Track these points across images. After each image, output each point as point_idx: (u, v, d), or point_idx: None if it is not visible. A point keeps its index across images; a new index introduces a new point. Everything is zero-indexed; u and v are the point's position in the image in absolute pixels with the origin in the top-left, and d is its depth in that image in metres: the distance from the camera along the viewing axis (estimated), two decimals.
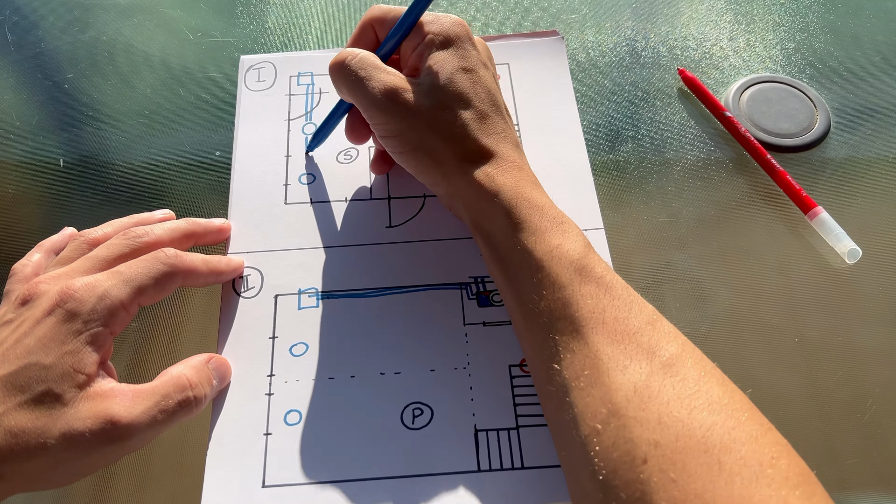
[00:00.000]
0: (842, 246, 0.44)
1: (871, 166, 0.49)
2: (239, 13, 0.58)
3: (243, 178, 0.45)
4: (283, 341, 0.39)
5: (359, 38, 0.41)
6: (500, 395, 0.37)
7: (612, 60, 0.55)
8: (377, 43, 0.41)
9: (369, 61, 0.38)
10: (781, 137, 0.50)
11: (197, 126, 0.51)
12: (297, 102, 0.49)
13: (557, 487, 0.35)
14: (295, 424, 0.37)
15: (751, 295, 0.43)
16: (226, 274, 0.40)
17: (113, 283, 0.34)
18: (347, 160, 0.46)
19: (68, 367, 0.31)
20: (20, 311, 0.34)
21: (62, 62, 0.54)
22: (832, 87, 0.53)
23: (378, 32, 0.40)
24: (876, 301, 0.43)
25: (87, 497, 0.38)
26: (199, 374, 0.35)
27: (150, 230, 0.38)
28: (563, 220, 0.35)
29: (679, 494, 0.25)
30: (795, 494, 0.25)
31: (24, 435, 0.30)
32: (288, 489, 0.35)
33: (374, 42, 0.41)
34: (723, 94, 0.52)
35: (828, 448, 0.39)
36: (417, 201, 0.45)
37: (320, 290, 0.41)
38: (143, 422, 0.32)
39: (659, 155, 0.49)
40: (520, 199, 0.35)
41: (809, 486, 0.26)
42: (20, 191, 0.48)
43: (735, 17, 0.58)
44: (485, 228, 0.36)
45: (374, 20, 0.40)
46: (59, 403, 0.31)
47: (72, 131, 0.51)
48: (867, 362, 0.41)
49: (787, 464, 0.26)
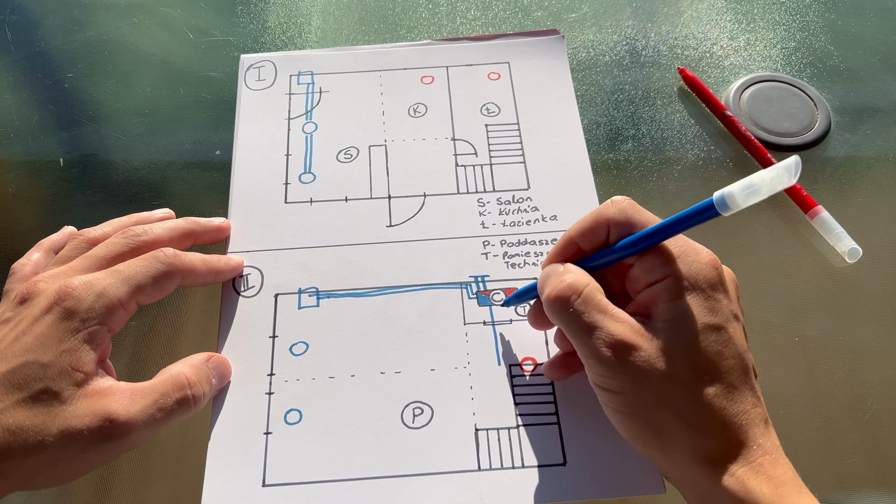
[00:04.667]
0: (842, 245, 0.44)
1: (871, 165, 0.49)
2: (239, 12, 0.58)
3: (243, 178, 0.45)
4: (284, 340, 0.39)
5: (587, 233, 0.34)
6: (501, 395, 0.37)
7: (613, 59, 0.55)
8: (603, 243, 0.34)
9: (594, 302, 0.31)
10: (782, 136, 0.50)
11: (197, 125, 0.51)
12: (297, 101, 0.49)
13: (557, 486, 0.35)
14: (295, 424, 0.37)
15: (751, 294, 0.43)
16: (225, 273, 0.40)
17: (111, 281, 0.34)
18: (347, 159, 0.46)
19: (66, 366, 0.31)
20: (19, 309, 0.34)
21: (62, 61, 0.54)
22: (832, 87, 0.53)
23: (611, 232, 0.33)
24: (876, 301, 0.43)
25: (87, 497, 0.38)
26: (198, 372, 0.35)
27: (149, 229, 0.38)
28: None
29: None
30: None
31: (22, 432, 0.30)
32: (288, 488, 0.35)
33: (601, 242, 0.34)
34: (723, 93, 0.52)
35: (828, 448, 0.39)
36: (417, 200, 0.45)
37: (320, 290, 0.41)
38: (141, 420, 0.32)
39: (659, 154, 0.49)
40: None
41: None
42: (20, 190, 0.48)
43: (735, 16, 0.58)
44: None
45: (610, 219, 0.33)
46: (57, 401, 0.31)
47: (72, 131, 0.51)
48: (867, 362, 0.41)
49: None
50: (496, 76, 0.50)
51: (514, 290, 0.41)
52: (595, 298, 0.32)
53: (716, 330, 0.30)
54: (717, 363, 0.30)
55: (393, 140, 0.47)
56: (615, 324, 0.31)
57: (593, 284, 0.32)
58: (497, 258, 0.42)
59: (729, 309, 0.31)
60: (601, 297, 0.32)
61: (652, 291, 0.31)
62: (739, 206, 0.28)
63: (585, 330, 0.31)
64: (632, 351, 0.30)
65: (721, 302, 0.31)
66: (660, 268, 0.31)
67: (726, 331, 0.31)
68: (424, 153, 0.47)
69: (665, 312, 0.31)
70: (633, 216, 0.33)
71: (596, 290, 0.32)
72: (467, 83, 0.50)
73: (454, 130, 0.48)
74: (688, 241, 0.33)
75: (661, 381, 0.30)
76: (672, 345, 0.30)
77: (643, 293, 0.32)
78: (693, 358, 0.30)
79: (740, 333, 0.31)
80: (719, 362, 0.30)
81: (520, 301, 0.39)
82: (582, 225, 0.34)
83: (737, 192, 0.28)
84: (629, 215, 0.33)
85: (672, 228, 0.31)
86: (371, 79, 0.50)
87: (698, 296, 0.31)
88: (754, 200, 0.28)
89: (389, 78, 0.50)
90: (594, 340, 0.30)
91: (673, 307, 0.31)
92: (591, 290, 0.32)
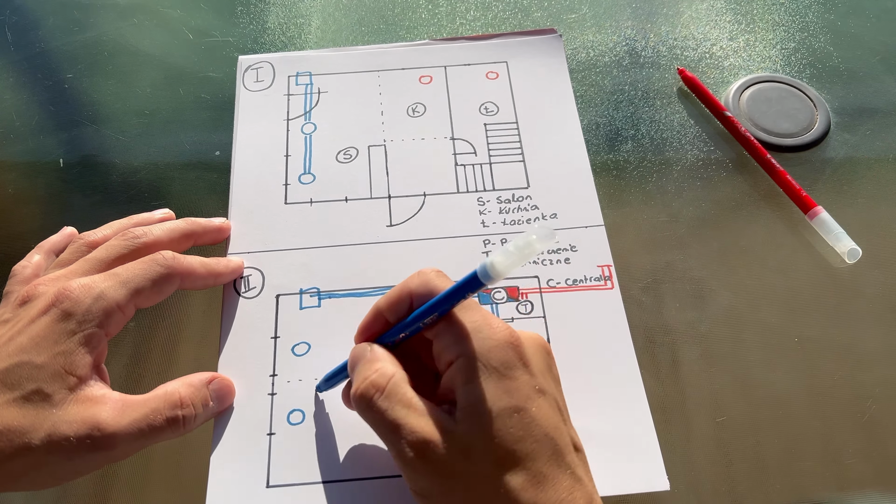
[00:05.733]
0: (842, 246, 0.44)
1: (871, 166, 0.49)
2: (239, 13, 0.58)
3: (243, 179, 0.45)
4: (285, 341, 0.39)
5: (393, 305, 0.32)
6: None
7: (612, 60, 0.55)
8: (405, 316, 0.32)
9: (398, 396, 0.29)
10: (781, 137, 0.50)
11: (197, 126, 0.51)
12: (295, 102, 0.49)
13: None
14: (298, 424, 0.37)
15: (751, 295, 0.43)
16: (224, 276, 0.40)
17: (109, 284, 0.34)
18: (347, 160, 0.46)
19: (60, 368, 0.31)
20: (18, 311, 0.34)
21: (62, 62, 0.54)
22: (832, 87, 0.53)
23: (414, 304, 0.32)
24: (876, 301, 0.43)
25: (87, 497, 0.38)
26: (194, 393, 0.34)
27: (148, 230, 0.38)
28: None
29: None
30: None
31: (8, 433, 0.30)
32: (293, 489, 0.35)
33: (403, 314, 0.32)
34: (723, 94, 0.52)
35: (828, 448, 0.39)
36: (417, 200, 0.45)
37: (322, 290, 0.41)
38: (129, 433, 0.31)
39: (659, 155, 0.49)
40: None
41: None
42: (20, 191, 0.48)
43: (735, 16, 0.58)
44: None
45: (412, 291, 0.32)
46: (48, 404, 0.30)
47: (72, 131, 0.51)
48: (867, 362, 0.41)
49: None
50: (494, 75, 0.50)
51: (515, 288, 0.41)
52: (398, 392, 0.29)
53: (514, 412, 0.28)
54: (519, 450, 0.27)
55: (392, 140, 0.47)
56: (418, 419, 0.28)
57: (399, 375, 0.30)
58: None
59: (530, 385, 0.29)
60: (405, 388, 0.30)
61: (451, 373, 0.29)
62: (501, 275, 0.27)
63: (390, 428, 0.29)
64: (434, 449, 0.28)
65: (519, 380, 0.28)
66: (453, 346, 0.29)
67: (527, 412, 0.28)
68: (424, 153, 0.47)
69: (462, 398, 0.28)
70: (437, 287, 0.31)
71: (401, 381, 0.30)
72: (466, 83, 0.50)
73: (453, 130, 0.48)
74: (485, 315, 0.30)
75: (466, 479, 0.27)
76: (471, 436, 0.28)
77: (445, 375, 0.30)
78: (493, 448, 0.27)
79: (547, 410, 0.29)
80: (521, 449, 0.27)
81: (329, 385, 0.37)
82: (389, 296, 0.32)
83: (497, 261, 0.27)
84: (431, 287, 0.31)
85: (445, 301, 0.30)
86: (369, 79, 0.50)
87: (491, 376, 0.28)
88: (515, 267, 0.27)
89: (388, 78, 0.50)
90: (399, 440, 0.28)
91: (468, 392, 0.28)
92: (395, 383, 0.30)
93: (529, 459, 0.27)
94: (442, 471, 0.28)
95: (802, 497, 0.38)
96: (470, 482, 0.27)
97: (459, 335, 0.30)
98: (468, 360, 0.29)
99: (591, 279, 0.41)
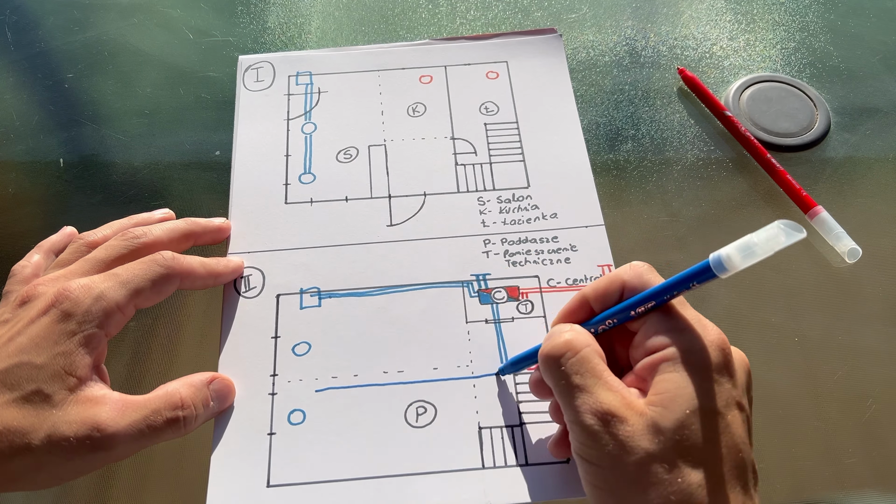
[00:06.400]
0: (842, 245, 0.44)
1: (871, 166, 0.49)
2: (239, 13, 0.57)
3: (243, 179, 0.45)
4: (286, 341, 0.39)
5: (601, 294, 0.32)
6: (504, 393, 0.38)
7: (612, 60, 0.55)
8: (618, 299, 0.32)
9: (589, 365, 0.29)
10: (781, 137, 0.50)
11: (197, 126, 0.51)
12: (295, 102, 0.49)
13: (561, 484, 0.35)
14: (299, 424, 0.37)
15: (751, 294, 0.43)
16: (224, 276, 0.40)
17: (109, 284, 0.34)
18: (347, 159, 0.46)
19: (60, 368, 0.31)
20: (18, 311, 0.34)
21: (62, 62, 0.54)
22: (832, 87, 0.53)
23: (625, 295, 0.31)
24: (876, 301, 0.43)
25: (87, 497, 0.38)
26: (195, 394, 0.34)
27: (148, 231, 0.38)
28: None
29: None
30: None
31: (8, 433, 0.30)
32: (293, 489, 0.35)
33: (612, 305, 0.32)
34: (723, 94, 0.52)
35: (828, 448, 0.39)
36: (418, 199, 0.45)
37: (322, 290, 0.41)
38: (129, 434, 0.31)
39: (659, 154, 0.49)
40: None
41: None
42: (20, 191, 0.48)
43: (735, 16, 0.58)
44: None
45: (625, 282, 0.31)
46: (48, 404, 0.30)
47: (72, 131, 0.51)
48: (867, 362, 0.41)
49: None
50: (494, 75, 0.50)
51: (515, 288, 0.41)
52: (591, 361, 0.29)
53: (712, 414, 0.28)
54: (706, 450, 0.27)
55: (392, 140, 0.47)
56: (606, 392, 0.28)
57: (593, 347, 0.30)
58: (498, 256, 0.42)
59: (731, 395, 0.28)
60: (598, 361, 0.30)
61: (650, 361, 0.29)
62: (737, 267, 0.27)
63: (572, 392, 0.29)
64: (617, 423, 0.27)
65: (723, 386, 0.28)
66: (664, 335, 0.29)
67: (724, 417, 0.28)
68: (424, 152, 0.47)
69: (660, 386, 0.28)
70: (651, 281, 0.31)
71: (594, 352, 0.30)
72: (466, 82, 0.50)
73: (453, 129, 0.48)
74: (698, 315, 0.30)
75: (643, 458, 0.27)
76: (661, 421, 0.27)
77: (641, 363, 0.30)
78: (682, 438, 0.27)
79: (741, 424, 0.28)
80: (708, 450, 0.27)
81: (515, 369, 0.37)
82: (596, 285, 0.32)
83: (733, 253, 0.27)
84: (646, 280, 0.31)
85: (666, 291, 0.29)
86: (369, 79, 0.50)
87: (698, 374, 0.28)
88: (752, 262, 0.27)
89: (388, 78, 0.50)
90: (580, 405, 0.28)
91: (668, 381, 0.28)
92: (589, 353, 0.30)
93: (713, 463, 0.27)
94: (621, 446, 0.27)
95: (802, 497, 0.38)
96: (646, 462, 0.27)
97: (673, 327, 0.29)
98: (676, 352, 0.29)
99: (591, 279, 0.41)
